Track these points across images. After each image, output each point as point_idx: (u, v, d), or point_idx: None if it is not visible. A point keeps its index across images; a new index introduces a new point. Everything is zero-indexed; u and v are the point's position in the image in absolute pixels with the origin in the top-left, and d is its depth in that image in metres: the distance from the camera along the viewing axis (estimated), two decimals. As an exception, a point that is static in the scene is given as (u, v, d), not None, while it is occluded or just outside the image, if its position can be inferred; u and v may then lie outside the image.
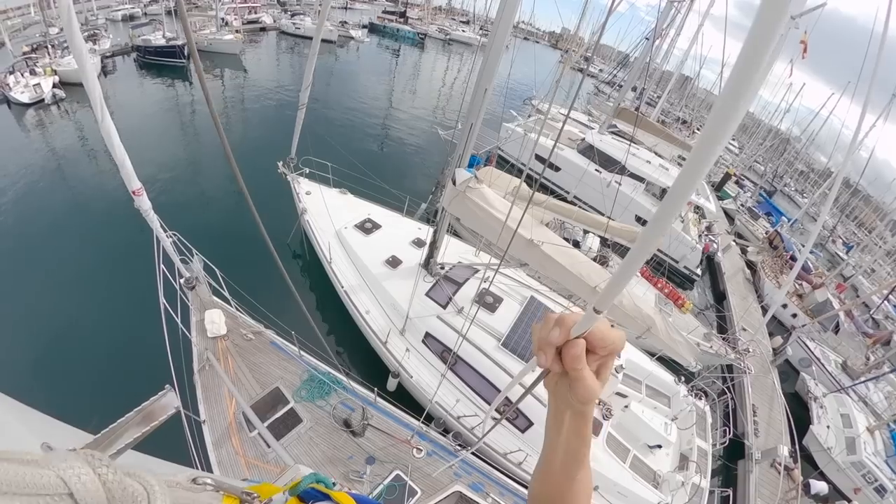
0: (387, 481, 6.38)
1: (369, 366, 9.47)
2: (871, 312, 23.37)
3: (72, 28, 3.34)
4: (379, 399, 7.34)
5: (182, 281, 7.15)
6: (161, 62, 26.16)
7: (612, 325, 0.85)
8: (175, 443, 5.98)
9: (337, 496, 0.95)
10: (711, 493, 8.86)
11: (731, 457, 11.19)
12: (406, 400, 8.03)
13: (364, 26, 50.62)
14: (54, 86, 19.80)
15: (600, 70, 62.76)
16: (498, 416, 7.88)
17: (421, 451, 6.87)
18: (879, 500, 11.47)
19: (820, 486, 11.00)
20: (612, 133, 21.97)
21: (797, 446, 11.70)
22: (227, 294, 7.50)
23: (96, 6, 32.43)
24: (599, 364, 0.86)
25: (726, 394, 11.18)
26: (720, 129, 0.55)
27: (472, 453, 7.23)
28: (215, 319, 7.20)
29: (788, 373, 15.78)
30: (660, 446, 8.72)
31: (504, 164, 16.22)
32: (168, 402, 0.77)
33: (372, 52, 45.05)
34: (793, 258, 20.81)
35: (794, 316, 18.63)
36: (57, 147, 16.23)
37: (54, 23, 25.59)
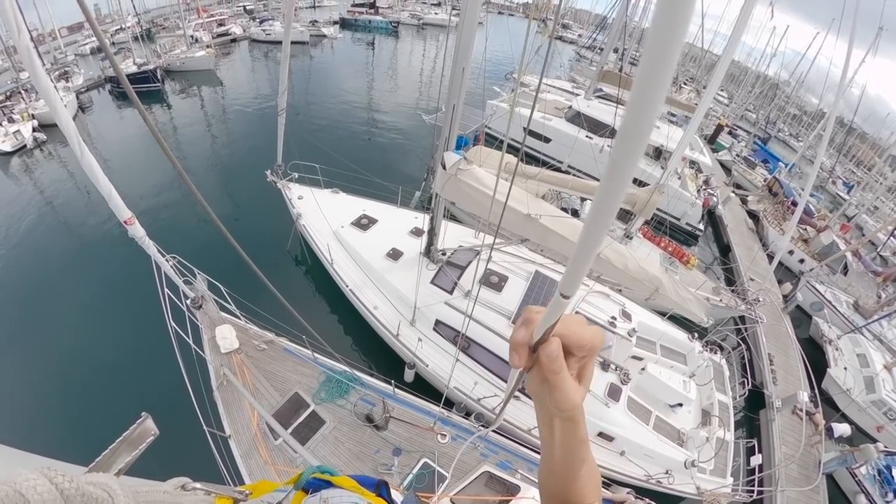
0: (416, 470, 6.47)
1: (384, 359, 9.54)
2: (878, 250, 23.30)
3: (35, 69, 3.26)
4: (398, 391, 7.39)
5: (188, 302, 7.17)
6: (136, 89, 25.37)
7: (587, 322, 0.77)
8: (204, 461, 6.08)
9: (338, 481, 0.98)
10: (736, 444, 8.95)
11: (753, 407, 11.27)
12: (425, 388, 8.09)
13: (335, 22, 49.70)
14: (34, 130, 19.52)
15: (579, 35, 61.86)
16: (517, 393, 7.94)
17: (445, 436, 6.94)
18: (903, 436, 11.55)
19: (843, 429, 11.06)
20: (599, 97, 21.72)
21: (816, 391, 11.75)
22: (234, 308, 7.52)
23: (63, 43, 31.90)
24: (580, 366, 0.79)
25: (741, 345, 11.20)
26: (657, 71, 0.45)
27: (499, 433, 7.31)
28: (226, 335, 7.24)
29: (801, 318, 15.78)
30: (681, 405, 8.78)
31: (493, 141, 16.10)
32: (147, 428, 0.77)
33: (347, 47, 44.41)
34: (794, 203, 20.63)
35: (802, 261, 18.57)
36: (47, 189, 16.16)
37: (24, 67, 25.20)
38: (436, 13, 61.67)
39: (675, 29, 0.42)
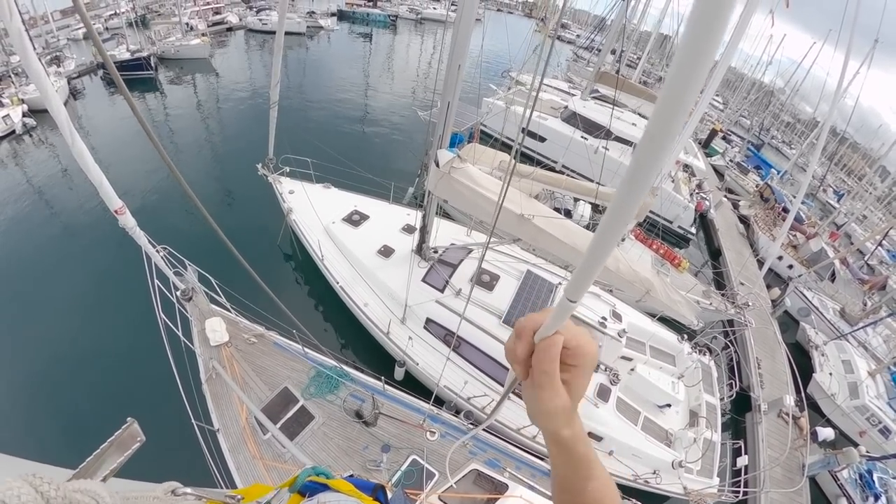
0: (404, 467, 6.46)
1: (375, 356, 9.49)
2: (865, 259, 23.65)
3: (26, 53, 3.18)
4: (388, 387, 7.37)
5: (178, 293, 7.10)
6: (129, 76, 25.25)
7: (588, 333, 0.76)
8: (192, 455, 6.03)
9: (335, 484, 0.97)
10: (723, 445, 9.05)
11: (739, 410, 11.39)
12: (415, 386, 8.08)
13: (333, 14, 49.29)
14: (24, 115, 19.16)
15: (577, 35, 61.92)
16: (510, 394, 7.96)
17: (434, 433, 6.94)
18: (884, 441, 11.75)
19: (826, 433, 11.22)
20: (595, 98, 21.77)
21: (802, 395, 11.92)
22: (224, 301, 7.46)
23: (56, 27, 31.30)
24: (571, 377, 0.75)
25: (729, 348, 11.33)
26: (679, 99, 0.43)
27: (489, 431, 7.33)
28: (216, 327, 7.17)
29: (788, 323, 15.98)
30: (669, 405, 8.85)
31: (488, 139, 16.08)
32: (133, 433, 0.75)
33: (343, 39, 44.09)
34: (785, 210, 20.88)
35: (791, 267, 18.79)
36: (37, 176, 15.85)
37: (14, 51, 24.50)
38: (434, 8, 61.45)
39: (706, 44, 0.41)
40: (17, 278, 11.20)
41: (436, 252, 9.84)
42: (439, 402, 7.85)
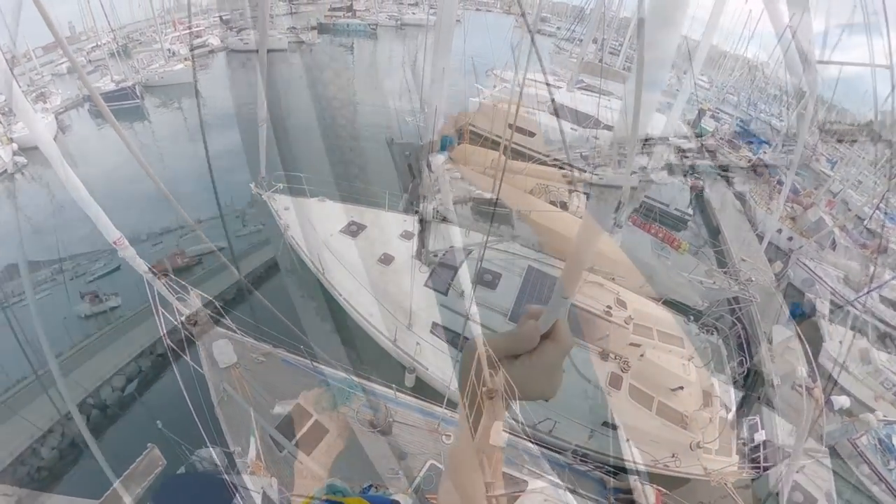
0: (423, 472, 6.44)
1: (384, 364, 9.46)
2: (864, 223, 23.61)
3: (13, 92, 3.19)
4: (399, 394, 7.37)
5: (183, 319, 7.10)
6: (115, 106, 25.37)
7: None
8: (210, 477, 6.02)
9: (350, 502, 0.97)
10: (739, 423, 9.03)
11: (752, 385, 11.36)
12: (427, 391, 8.06)
13: (313, 28, 49.40)
14: (14, 154, 19.26)
15: (558, 28, 62.01)
16: None
17: (450, 436, 6.92)
18: (901, 404, 11.73)
19: (842, 401, 11.19)
20: (581, 89, 21.81)
21: (814, 365, 11.88)
22: (229, 322, 7.46)
23: (39, 64, 31.42)
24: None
25: (737, 325, 11.29)
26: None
27: (504, 430, 7.30)
28: (224, 349, 7.18)
29: (794, 295, 15.94)
30: (682, 387, 8.82)
31: (477, 139, 16.09)
32: (154, 459, 0.75)
33: (326, 52, 44.16)
34: (779, 182, 20.88)
35: (790, 239, 18.76)
36: (32, 214, 15.86)
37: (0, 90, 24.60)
38: (413, 13, 61.53)
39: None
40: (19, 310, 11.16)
41: (435, 256, 9.84)
42: (452, 405, 7.83)
